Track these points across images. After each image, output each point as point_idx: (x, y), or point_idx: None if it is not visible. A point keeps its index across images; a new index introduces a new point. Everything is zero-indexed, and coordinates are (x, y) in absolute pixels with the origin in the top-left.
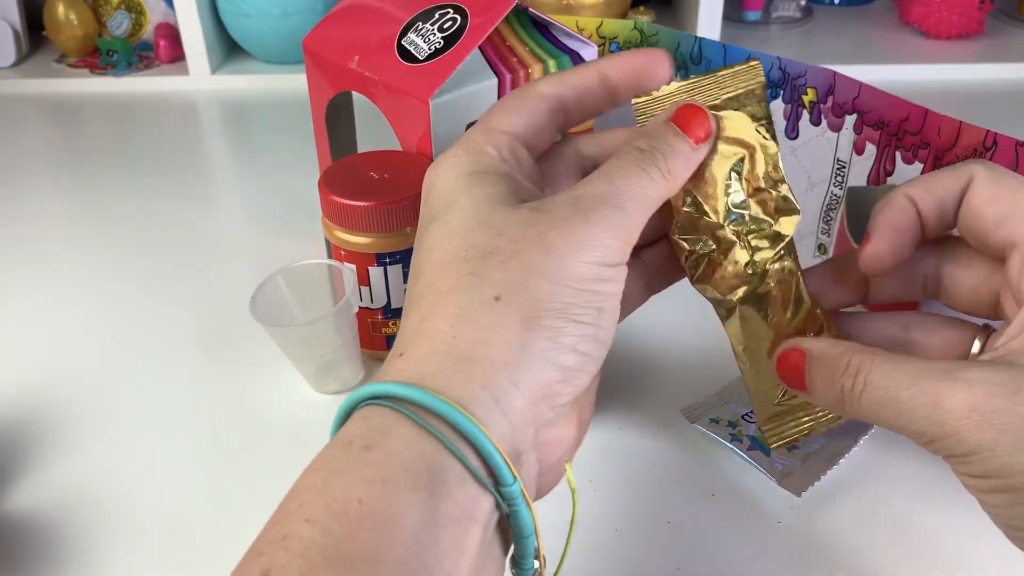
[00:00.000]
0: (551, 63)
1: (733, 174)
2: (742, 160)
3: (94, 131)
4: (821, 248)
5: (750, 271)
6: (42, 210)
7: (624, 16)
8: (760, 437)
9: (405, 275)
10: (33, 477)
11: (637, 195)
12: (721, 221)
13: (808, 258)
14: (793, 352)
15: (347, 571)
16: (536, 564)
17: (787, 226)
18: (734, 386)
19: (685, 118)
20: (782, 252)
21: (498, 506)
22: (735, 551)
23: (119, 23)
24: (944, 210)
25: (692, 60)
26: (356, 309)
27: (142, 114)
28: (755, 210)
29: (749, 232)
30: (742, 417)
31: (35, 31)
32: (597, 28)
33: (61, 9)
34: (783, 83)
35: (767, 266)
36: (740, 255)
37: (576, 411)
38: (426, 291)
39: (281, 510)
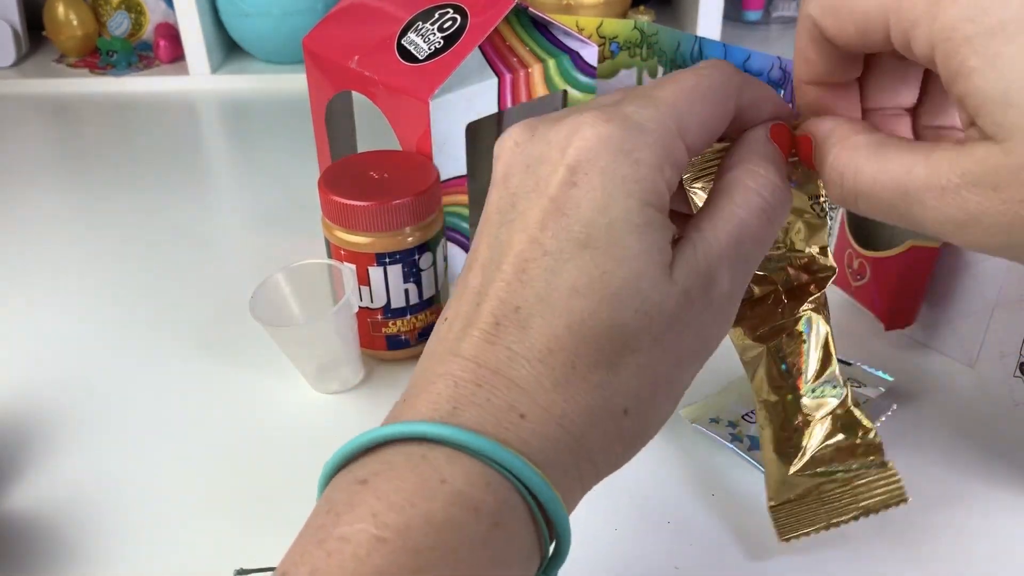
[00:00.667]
0: (551, 63)
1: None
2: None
3: (94, 131)
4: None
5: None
6: (42, 210)
7: (624, 16)
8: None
9: (405, 275)
10: (33, 477)
11: (757, 262)
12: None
13: None
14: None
15: None
16: None
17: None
18: (734, 386)
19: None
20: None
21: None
22: (735, 551)
23: (119, 23)
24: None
25: (692, 60)
26: (356, 309)
27: (142, 114)
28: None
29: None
30: (742, 417)
31: (35, 31)
32: (597, 28)
33: (61, 9)
34: (783, 82)
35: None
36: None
37: None
38: (558, 348)
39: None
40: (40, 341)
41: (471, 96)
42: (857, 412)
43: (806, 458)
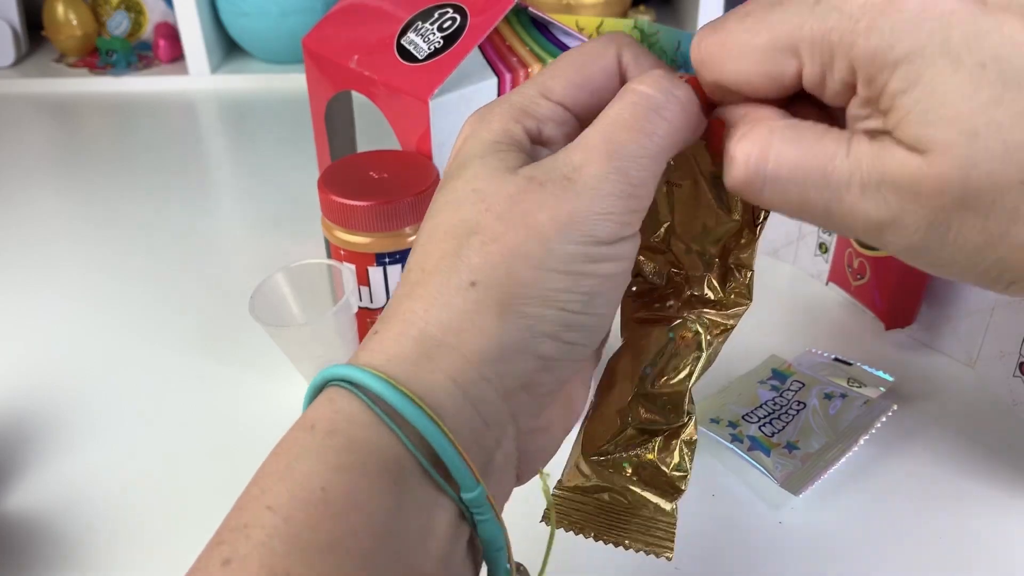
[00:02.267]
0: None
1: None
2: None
3: (93, 131)
4: (822, 247)
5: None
6: (41, 210)
7: (624, 15)
8: (760, 437)
9: None
10: (33, 477)
11: (647, 149)
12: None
13: (809, 257)
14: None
15: (310, 559)
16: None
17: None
18: (734, 386)
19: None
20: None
21: (463, 514)
22: (735, 551)
23: (118, 23)
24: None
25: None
26: (356, 309)
27: (141, 114)
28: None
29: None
30: (742, 417)
31: (34, 31)
32: (597, 27)
33: (60, 9)
34: None
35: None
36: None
37: (566, 395)
38: (414, 266)
39: (245, 495)
40: (40, 341)
41: (471, 96)
42: (684, 450)
43: (607, 456)
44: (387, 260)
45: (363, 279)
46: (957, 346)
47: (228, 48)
